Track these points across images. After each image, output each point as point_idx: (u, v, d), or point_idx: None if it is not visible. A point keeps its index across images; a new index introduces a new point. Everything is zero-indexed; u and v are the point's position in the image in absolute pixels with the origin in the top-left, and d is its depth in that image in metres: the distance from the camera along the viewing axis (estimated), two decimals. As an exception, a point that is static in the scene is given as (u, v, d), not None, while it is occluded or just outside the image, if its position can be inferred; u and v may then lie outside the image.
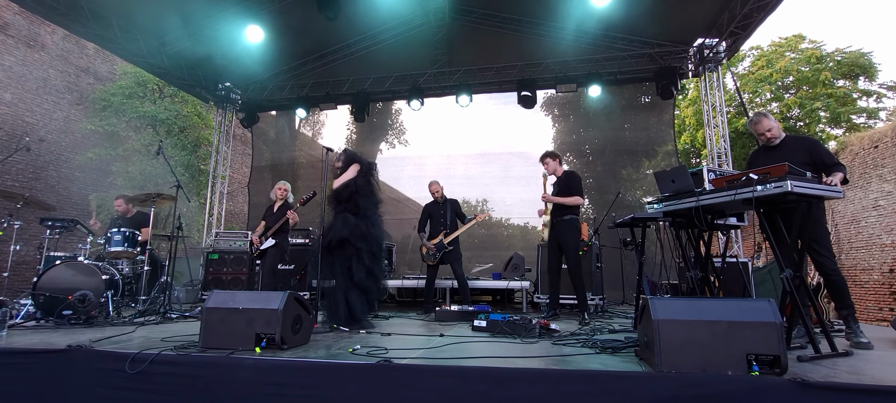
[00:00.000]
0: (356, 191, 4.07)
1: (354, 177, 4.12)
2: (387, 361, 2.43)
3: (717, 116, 7.48)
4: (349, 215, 3.99)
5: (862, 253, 8.89)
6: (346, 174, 4.12)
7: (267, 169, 9.74)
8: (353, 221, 3.97)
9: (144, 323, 4.13)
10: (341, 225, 3.93)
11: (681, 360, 2.20)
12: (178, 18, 7.01)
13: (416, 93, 8.28)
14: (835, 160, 3.33)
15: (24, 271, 7.58)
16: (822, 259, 3.30)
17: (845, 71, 13.06)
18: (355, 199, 4.06)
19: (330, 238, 3.92)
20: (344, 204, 4.05)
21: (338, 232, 3.91)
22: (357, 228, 3.96)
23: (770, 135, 3.56)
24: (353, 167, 4.16)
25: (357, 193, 4.07)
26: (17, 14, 9.35)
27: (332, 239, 3.90)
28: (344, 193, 4.05)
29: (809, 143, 3.54)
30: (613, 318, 4.99)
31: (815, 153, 3.38)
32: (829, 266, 3.30)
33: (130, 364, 2.52)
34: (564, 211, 4.77)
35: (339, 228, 3.92)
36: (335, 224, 3.98)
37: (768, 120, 3.58)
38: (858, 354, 2.87)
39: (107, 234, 5.00)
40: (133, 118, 11.05)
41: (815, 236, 3.28)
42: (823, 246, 3.30)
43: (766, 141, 3.59)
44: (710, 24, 7.02)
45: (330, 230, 3.98)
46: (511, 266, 6.59)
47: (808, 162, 3.30)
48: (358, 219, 3.99)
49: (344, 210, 4.03)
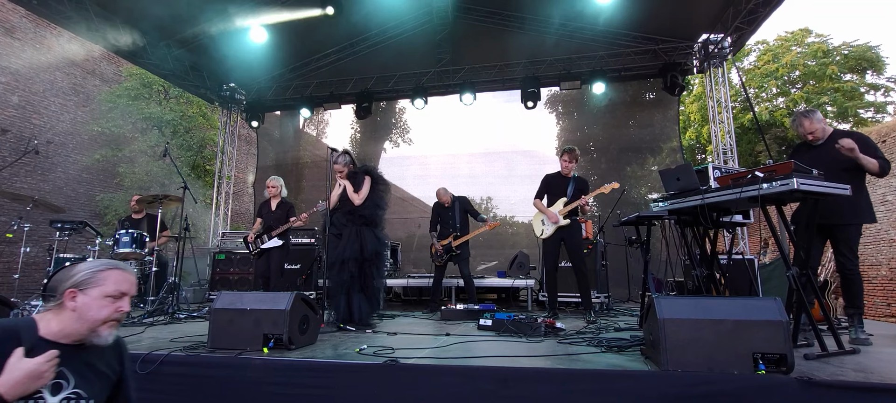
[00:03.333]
0: (377, 205, 4.26)
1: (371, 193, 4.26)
2: (393, 361, 2.45)
3: (723, 112, 7.44)
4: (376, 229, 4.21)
5: (869, 249, 8.83)
6: (364, 189, 4.21)
7: (272, 168, 9.77)
8: (381, 235, 4.24)
9: (153, 324, 4.17)
10: (373, 240, 4.12)
11: (686, 359, 2.20)
12: (183, 20, 7.05)
13: (419, 92, 8.29)
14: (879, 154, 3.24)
15: (34, 272, 7.66)
16: (845, 259, 3.29)
17: (852, 65, 12.94)
18: (375, 213, 4.24)
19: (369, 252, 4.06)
20: (363, 219, 4.17)
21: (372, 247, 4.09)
22: (383, 243, 4.27)
23: (813, 138, 3.45)
24: (367, 181, 4.26)
25: (378, 207, 4.26)
26: (24, 17, 9.43)
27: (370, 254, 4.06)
28: (367, 212, 4.19)
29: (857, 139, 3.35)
30: (619, 316, 4.99)
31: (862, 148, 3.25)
32: (849, 266, 3.28)
33: (141, 365, 2.55)
34: (574, 212, 4.76)
35: (373, 242, 4.10)
36: (365, 237, 4.09)
37: (810, 122, 3.44)
38: (866, 352, 2.86)
39: (115, 235, 5.05)
40: (139, 119, 11.13)
41: (848, 236, 3.27)
42: (850, 248, 3.28)
43: (811, 141, 3.48)
44: (714, 19, 6.98)
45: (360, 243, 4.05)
46: (516, 264, 6.60)
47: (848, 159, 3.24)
48: (381, 232, 4.25)
49: (365, 223, 4.15)
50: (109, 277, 1.45)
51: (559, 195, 4.82)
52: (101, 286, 1.42)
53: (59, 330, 1.39)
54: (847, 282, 3.32)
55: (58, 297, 1.41)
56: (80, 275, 1.42)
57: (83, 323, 1.40)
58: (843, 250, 3.29)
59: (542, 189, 4.97)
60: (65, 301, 1.39)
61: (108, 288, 1.43)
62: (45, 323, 1.38)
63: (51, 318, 1.40)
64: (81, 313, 1.39)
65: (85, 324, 1.40)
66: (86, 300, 1.40)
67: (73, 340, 1.41)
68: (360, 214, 4.16)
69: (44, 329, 1.37)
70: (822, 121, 3.48)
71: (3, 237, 7.28)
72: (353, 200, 4.16)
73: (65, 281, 1.42)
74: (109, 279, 1.44)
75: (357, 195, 4.17)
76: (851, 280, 3.29)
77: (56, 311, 1.41)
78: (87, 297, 1.40)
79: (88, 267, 1.45)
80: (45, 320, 1.39)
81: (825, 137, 3.46)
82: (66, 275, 1.44)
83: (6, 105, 9.06)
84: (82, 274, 1.43)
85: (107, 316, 1.43)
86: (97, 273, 1.44)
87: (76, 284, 1.41)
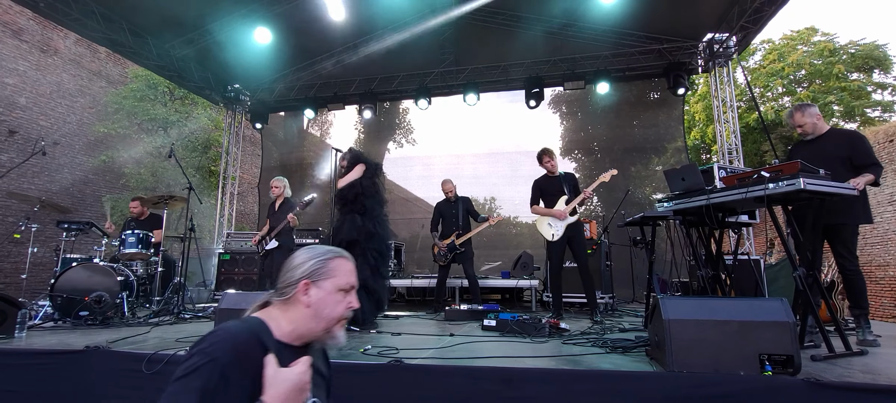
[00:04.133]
0: (361, 192, 4.12)
1: (360, 178, 4.15)
2: (398, 361, 2.45)
3: (728, 112, 7.40)
4: (356, 216, 4.05)
5: (877, 249, 8.75)
6: (351, 174, 4.14)
7: (276, 169, 9.81)
8: (360, 222, 4.03)
9: (159, 324, 4.20)
10: (350, 227, 3.98)
11: (692, 360, 2.19)
12: (187, 21, 7.10)
13: (423, 93, 8.30)
14: (873, 160, 3.23)
15: (41, 273, 7.72)
16: (843, 259, 3.26)
17: (859, 64, 12.84)
18: (361, 200, 4.10)
19: (339, 239, 3.95)
20: (350, 205, 4.09)
21: (347, 234, 3.95)
22: (364, 228, 4.02)
23: (801, 131, 3.47)
24: (358, 167, 4.18)
25: (362, 194, 4.12)
26: (31, 19, 9.51)
27: (342, 241, 3.93)
28: (349, 194, 4.09)
29: (852, 138, 3.38)
30: (623, 317, 4.97)
31: (854, 149, 3.28)
32: (850, 266, 3.26)
33: (147, 365, 2.56)
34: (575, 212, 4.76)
35: (348, 230, 3.97)
36: (343, 226, 4.02)
37: (801, 115, 3.46)
38: (873, 353, 2.83)
39: (121, 236, 5.09)
40: (144, 120, 11.20)
41: (844, 237, 3.24)
42: (847, 248, 3.26)
43: (800, 135, 3.50)
44: (719, 18, 6.94)
45: (339, 232, 4.01)
46: (520, 264, 6.59)
47: (847, 157, 3.23)
48: (364, 220, 4.05)
49: (351, 211, 4.07)
50: (340, 267, 1.23)
51: (556, 195, 4.82)
52: (333, 277, 1.21)
53: (291, 330, 1.17)
54: (849, 283, 3.29)
55: (286, 290, 1.19)
56: (311, 264, 1.20)
57: (319, 321, 1.18)
58: (841, 251, 3.26)
59: (536, 193, 4.98)
60: (297, 294, 1.17)
61: (340, 279, 1.22)
62: (276, 323, 1.16)
63: (279, 316, 1.18)
64: (317, 309, 1.18)
65: (321, 322, 1.19)
66: (320, 294, 1.18)
67: (303, 341, 1.20)
68: (344, 199, 4.09)
69: (276, 330, 1.15)
70: (815, 116, 3.46)
71: (11, 238, 7.35)
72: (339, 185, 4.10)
73: (290, 271, 1.21)
74: (340, 269, 1.23)
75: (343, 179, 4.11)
76: (853, 280, 3.27)
77: (283, 307, 1.19)
78: (321, 290, 1.19)
79: (315, 255, 1.22)
80: (273, 318, 1.17)
81: (817, 133, 3.46)
82: (289, 265, 1.22)
83: (14, 107, 9.14)
84: (312, 263, 1.20)
85: (342, 313, 1.22)
86: (327, 262, 1.22)
87: (309, 275, 1.18)
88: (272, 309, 1.20)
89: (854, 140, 3.37)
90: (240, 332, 1.08)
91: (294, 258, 1.23)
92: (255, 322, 1.14)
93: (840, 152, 3.23)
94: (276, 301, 1.20)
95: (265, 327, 1.14)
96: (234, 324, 1.10)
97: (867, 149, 3.28)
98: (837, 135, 3.49)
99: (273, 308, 1.20)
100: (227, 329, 1.07)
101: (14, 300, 3.48)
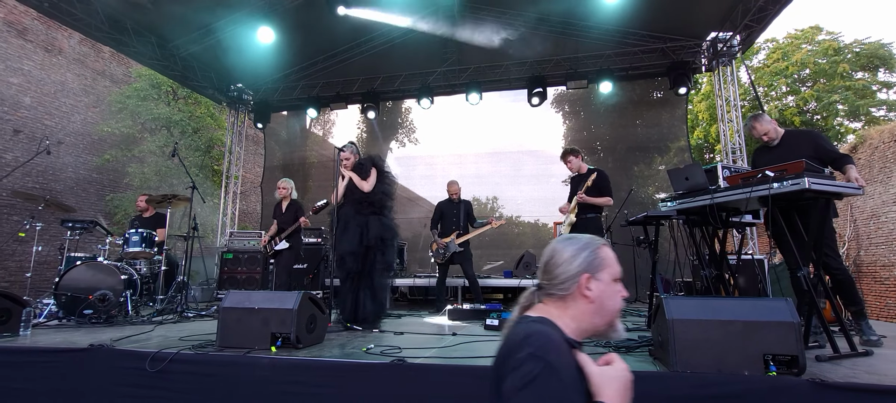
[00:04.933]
0: (384, 193, 4.24)
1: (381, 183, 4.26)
2: (400, 360, 2.46)
3: (732, 111, 7.37)
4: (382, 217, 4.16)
5: (881, 249, 8.70)
6: (371, 178, 4.19)
7: (279, 168, 9.84)
8: (388, 222, 4.17)
9: (162, 322, 4.22)
10: (378, 226, 4.06)
11: (696, 360, 2.18)
12: (190, 21, 7.12)
13: (425, 92, 8.30)
14: (838, 152, 3.30)
15: (46, 271, 7.76)
16: (826, 258, 3.24)
17: (864, 62, 12.77)
18: (383, 201, 4.22)
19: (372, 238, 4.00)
20: (371, 207, 4.16)
21: (375, 232, 4.01)
22: (390, 229, 4.18)
23: (767, 139, 3.54)
24: (374, 171, 4.24)
25: (385, 195, 4.24)
26: (36, 19, 9.56)
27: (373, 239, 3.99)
28: (375, 198, 4.17)
29: (812, 136, 3.46)
30: (626, 317, 4.96)
31: (820, 147, 3.32)
32: (834, 264, 3.24)
33: (151, 363, 2.58)
34: (590, 209, 4.76)
35: (377, 228, 4.04)
36: (370, 224, 4.04)
37: (761, 124, 3.54)
38: (878, 353, 2.82)
39: (125, 235, 5.11)
40: (148, 120, 11.24)
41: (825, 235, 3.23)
42: (828, 246, 3.23)
43: (766, 142, 3.56)
44: (723, 17, 6.91)
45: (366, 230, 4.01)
46: (522, 264, 6.59)
47: (812, 156, 3.23)
48: (388, 219, 4.20)
49: (372, 212, 4.13)
50: (610, 256, 1.16)
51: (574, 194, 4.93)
52: (609, 267, 1.14)
53: (575, 327, 1.11)
54: (837, 283, 3.27)
55: (563, 286, 1.12)
56: (585, 257, 1.13)
57: (603, 314, 1.12)
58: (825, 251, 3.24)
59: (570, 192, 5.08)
60: (578, 290, 1.11)
61: (614, 269, 1.15)
62: (562, 322, 1.10)
63: (560, 314, 1.12)
64: (601, 304, 1.11)
65: (605, 316, 1.12)
66: (600, 286, 1.11)
67: (585, 337, 1.14)
68: (369, 202, 4.13)
69: (564, 328, 1.09)
70: (772, 123, 3.56)
71: (16, 236, 7.39)
72: (362, 187, 4.11)
73: (560, 267, 1.13)
74: (611, 258, 1.16)
75: (365, 182, 4.13)
76: (841, 280, 3.25)
77: (562, 305, 1.12)
78: (601, 283, 1.12)
79: (583, 247, 1.14)
80: (555, 317, 1.11)
81: (779, 138, 3.53)
82: (556, 260, 1.14)
83: (19, 106, 9.19)
84: (585, 255, 1.13)
85: (620, 305, 1.15)
86: (597, 252, 1.14)
87: (587, 268, 1.12)
88: (549, 307, 1.14)
89: (815, 137, 3.43)
90: (550, 333, 1.03)
91: (559, 252, 1.15)
92: (548, 321, 1.09)
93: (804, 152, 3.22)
94: (550, 299, 1.14)
95: (556, 326, 1.09)
96: (537, 327, 1.05)
97: (829, 143, 3.37)
98: (796, 136, 3.56)
99: (549, 306, 1.14)
100: (540, 331, 1.03)
101: (19, 298, 3.50)
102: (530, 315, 1.14)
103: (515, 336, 1.04)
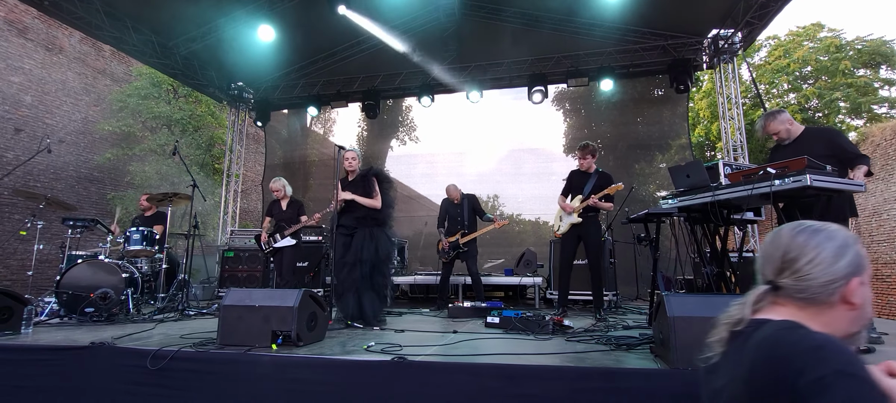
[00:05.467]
0: (389, 205, 4.34)
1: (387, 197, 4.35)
2: (401, 358, 2.45)
3: (733, 108, 7.35)
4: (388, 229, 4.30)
5: (883, 247, 8.68)
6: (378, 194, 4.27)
7: (280, 167, 9.84)
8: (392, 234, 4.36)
9: (163, 320, 4.22)
10: (387, 243, 4.21)
11: (697, 357, 2.18)
12: (191, 19, 7.11)
13: (426, 90, 8.28)
14: (857, 151, 3.23)
15: (47, 269, 7.78)
16: None
17: (866, 59, 12.73)
18: (390, 213, 4.34)
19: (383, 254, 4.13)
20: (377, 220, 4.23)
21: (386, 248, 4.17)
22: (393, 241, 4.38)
23: (778, 138, 3.48)
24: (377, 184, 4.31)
25: (390, 207, 4.34)
26: (36, 18, 9.56)
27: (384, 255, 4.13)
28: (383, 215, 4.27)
29: (829, 135, 3.41)
30: (627, 314, 4.96)
31: (836, 145, 3.28)
32: None
33: (152, 361, 2.58)
34: (592, 208, 4.72)
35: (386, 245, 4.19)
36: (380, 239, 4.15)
37: (773, 123, 3.47)
38: (880, 351, 2.81)
39: (126, 233, 5.12)
40: (148, 118, 11.24)
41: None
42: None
43: (776, 142, 3.51)
44: (725, 14, 6.89)
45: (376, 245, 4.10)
46: (523, 262, 6.58)
47: (828, 154, 3.21)
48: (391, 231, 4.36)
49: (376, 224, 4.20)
50: (865, 254, 0.98)
51: (578, 191, 4.83)
52: (868, 268, 0.97)
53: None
54: None
55: (824, 290, 0.94)
56: (852, 258, 0.94)
57: (861, 321, 0.96)
58: None
59: (567, 185, 4.98)
60: (845, 295, 0.93)
61: (870, 268, 0.98)
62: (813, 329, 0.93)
63: (808, 321, 0.93)
64: (863, 310, 0.95)
65: (861, 323, 0.96)
66: (866, 291, 0.95)
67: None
68: (373, 217, 4.20)
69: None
70: (787, 121, 3.48)
71: (17, 235, 7.41)
72: (374, 206, 4.20)
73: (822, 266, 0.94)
74: (867, 258, 0.98)
75: (375, 200, 4.21)
76: None
77: (816, 310, 0.95)
78: (866, 287, 0.95)
79: (845, 244, 0.96)
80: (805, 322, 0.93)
81: (793, 136, 3.46)
82: (813, 257, 0.95)
83: (20, 105, 9.20)
84: (852, 255, 0.95)
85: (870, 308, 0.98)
86: (859, 247, 0.97)
87: (857, 270, 0.94)
88: (791, 309, 0.97)
89: (832, 135, 3.38)
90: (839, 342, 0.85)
91: (811, 248, 0.96)
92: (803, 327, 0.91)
93: (820, 150, 3.20)
94: (791, 302, 0.97)
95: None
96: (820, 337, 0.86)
97: (848, 142, 3.30)
98: (814, 134, 3.49)
99: (791, 309, 0.97)
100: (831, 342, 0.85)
101: (20, 296, 3.50)
102: (781, 320, 0.94)
103: (788, 348, 0.84)
